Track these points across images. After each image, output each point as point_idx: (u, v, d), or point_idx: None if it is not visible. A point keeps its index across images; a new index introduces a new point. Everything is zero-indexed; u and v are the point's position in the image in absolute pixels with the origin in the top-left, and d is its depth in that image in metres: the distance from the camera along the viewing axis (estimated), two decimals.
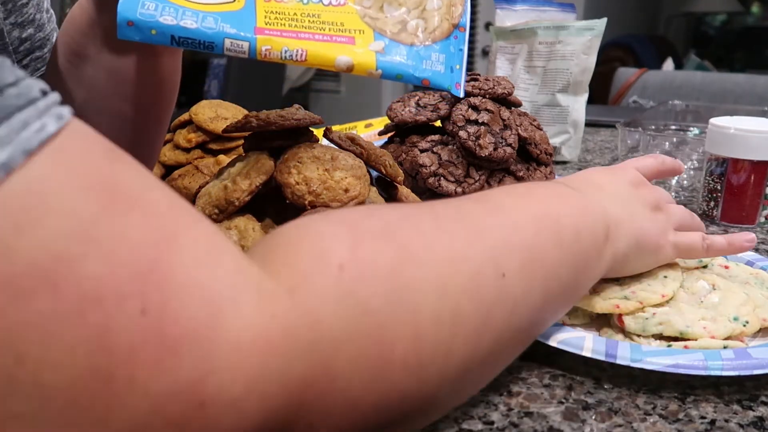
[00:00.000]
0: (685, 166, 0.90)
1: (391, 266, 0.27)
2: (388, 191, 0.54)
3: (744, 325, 0.43)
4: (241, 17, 0.41)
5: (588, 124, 1.26)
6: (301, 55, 0.41)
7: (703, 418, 0.37)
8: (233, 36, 0.40)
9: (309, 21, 0.42)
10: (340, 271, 0.26)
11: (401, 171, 0.53)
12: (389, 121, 0.75)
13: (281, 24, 0.42)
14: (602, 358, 0.39)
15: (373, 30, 0.43)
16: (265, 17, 0.41)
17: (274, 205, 0.48)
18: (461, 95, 0.45)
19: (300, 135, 0.49)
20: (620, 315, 0.44)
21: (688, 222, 0.49)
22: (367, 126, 1.01)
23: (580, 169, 0.97)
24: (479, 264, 0.31)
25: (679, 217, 0.48)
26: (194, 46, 0.41)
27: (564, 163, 1.03)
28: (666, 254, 0.46)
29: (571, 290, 0.39)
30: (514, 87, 0.72)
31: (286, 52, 0.41)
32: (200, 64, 3.27)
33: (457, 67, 0.45)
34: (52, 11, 0.56)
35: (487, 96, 0.70)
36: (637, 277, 0.47)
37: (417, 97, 0.75)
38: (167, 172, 0.74)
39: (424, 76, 0.43)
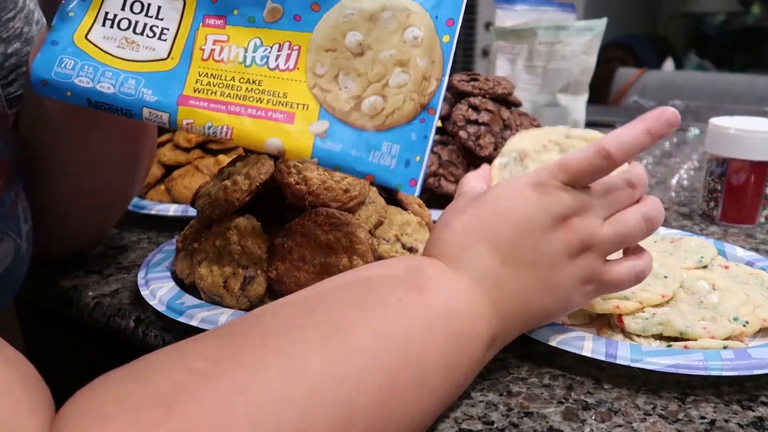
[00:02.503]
0: (685, 167, 0.91)
1: None
2: (388, 191, 0.54)
3: (744, 325, 0.43)
4: (168, 80, 0.37)
5: (588, 124, 1.26)
6: (226, 133, 0.36)
7: (703, 418, 0.37)
8: (152, 105, 0.36)
9: (246, 89, 0.36)
10: None
11: None
12: None
13: (213, 91, 0.36)
14: (602, 358, 0.39)
15: (320, 105, 0.36)
16: (197, 81, 0.37)
17: (274, 205, 0.48)
18: (416, 193, 0.36)
19: None
20: (620, 315, 0.44)
21: (633, 231, 0.38)
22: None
23: None
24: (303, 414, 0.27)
25: (614, 239, 0.38)
26: (112, 111, 0.37)
27: None
28: (579, 306, 0.40)
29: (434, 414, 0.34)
30: (514, 87, 0.72)
31: (209, 128, 0.36)
32: None
33: (417, 159, 0.36)
34: (44, 22, 0.54)
35: (487, 96, 0.70)
36: None
37: None
38: (167, 172, 0.74)
39: (368, 171, 0.35)
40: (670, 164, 0.92)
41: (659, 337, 0.43)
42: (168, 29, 0.38)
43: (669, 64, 2.48)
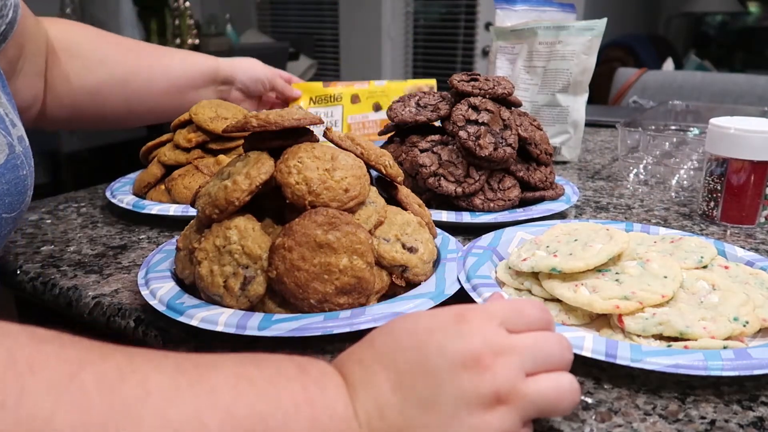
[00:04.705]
0: (685, 167, 0.91)
1: None
2: (388, 191, 0.54)
3: (744, 325, 0.43)
4: None
5: (588, 124, 1.26)
6: None
7: (703, 418, 0.37)
8: None
9: None
10: None
11: (401, 171, 0.53)
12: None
13: None
14: (602, 358, 0.39)
15: None
16: None
17: (274, 205, 0.48)
18: None
19: (300, 135, 0.49)
20: (620, 315, 0.44)
21: (564, 397, 0.32)
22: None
23: (580, 170, 0.98)
24: None
25: (538, 401, 0.31)
26: None
27: (564, 163, 1.03)
28: None
29: None
30: (514, 87, 0.72)
31: None
32: None
33: None
34: None
35: (487, 96, 0.70)
36: (637, 277, 0.47)
37: (417, 97, 0.75)
38: (167, 172, 0.74)
39: None
40: (670, 164, 0.92)
41: (659, 337, 0.43)
42: None
43: (669, 64, 2.48)
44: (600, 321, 0.46)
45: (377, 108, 1.02)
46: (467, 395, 0.30)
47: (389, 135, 0.78)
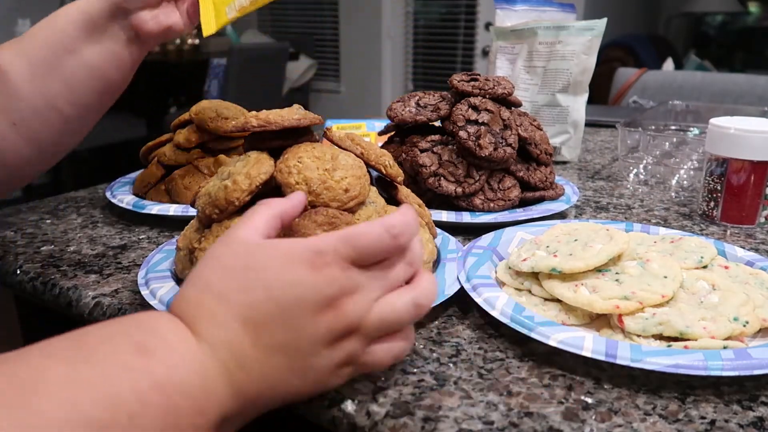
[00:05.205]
0: (685, 167, 0.91)
1: None
2: (388, 191, 0.54)
3: (744, 325, 0.43)
4: None
5: (588, 124, 1.26)
6: None
7: (703, 418, 0.37)
8: None
9: None
10: None
11: (401, 171, 0.53)
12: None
13: None
14: (602, 358, 0.39)
15: None
16: None
17: None
18: None
19: (300, 135, 0.49)
20: (620, 315, 0.44)
21: (401, 317, 0.35)
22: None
23: (580, 170, 0.98)
24: None
25: (380, 325, 0.35)
26: None
27: (564, 163, 1.03)
28: (334, 386, 0.36)
29: None
30: (514, 87, 0.72)
31: None
32: (200, 64, 3.27)
33: None
34: None
35: (487, 96, 0.70)
36: (637, 277, 0.47)
37: (417, 97, 0.75)
38: (167, 172, 0.74)
39: None
40: (670, 164, 0.92)
41: (659, 337, 0.43)
42: None
43: (669, 64, 2.48)
44: (600, 321, 0.46)
45: None
46: (323, 334, 0.33)
47: (389, 135, 0.78)
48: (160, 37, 0.62)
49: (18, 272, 0.59)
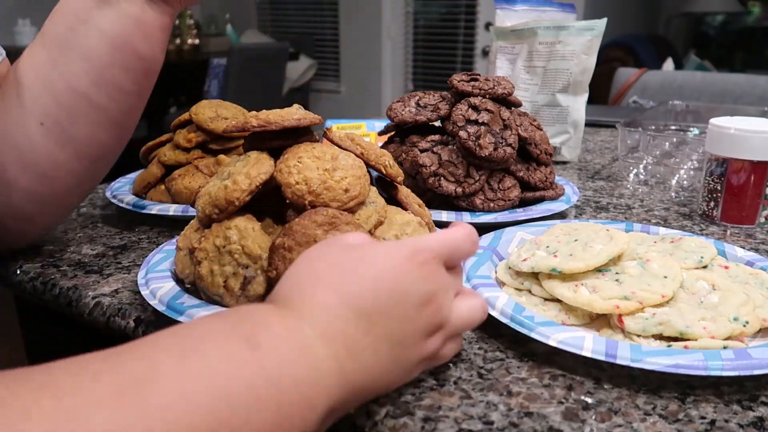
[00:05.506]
0: (685, 167, 0.91)
1: None
2: (388, 191, 0.54)
3: (744, 325, 0.43)
4: None
5: (588, 124, 1.26)
6: None
7: (703, 418, 0.37)
8: None
9: None
10: None
11: (401, 171, 0.53)
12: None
13: None
14: (602, 358, 0.39)
15: None
16: None
17: (274, 205, 0.48)
18: None
19: (300, 135, 0.49)
20: (620, 315, 0.44)
21: (477, 318, 0.39)
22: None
23: (580, 170, 0.98)
24: None
25: (463, 325, 0.38)
26: None
27: (564, 163, 1.03)
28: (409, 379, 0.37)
29: None
30: (514, 87, 0.72)
31: None
32: (200, 64, 3.28)
33: None
34: None
35: (487, 96, 0.70)
36: (637, 277, 0.47)
37: (417, 97, 0.75)
38: (167, 172, 0.74)
39: None
40: (670, 164, 0.92)
41: (659, 337, 0.43)
42: None
43: (669, 64, 2.48)
44: (600, 321, 0.46)
45: None
46: (423, 327, 0.35)
47: (389, 135, 0.78)
48: None
49: (18, 272, 0.59)
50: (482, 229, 0.66)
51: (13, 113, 0.53)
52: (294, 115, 0.47)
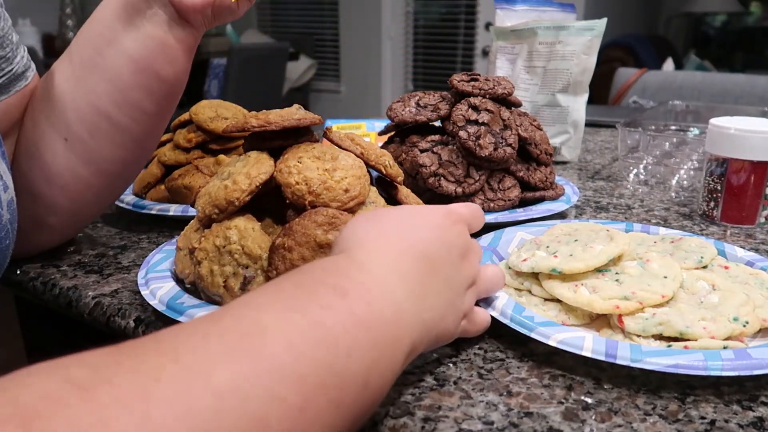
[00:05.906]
0: (685, 167, 0.90)
1: None
2: (388, 191, 0.54)
3: (744, 326, 0.43)
4: None
5: (588, 124, 1.26)
6: None
7: (703, 418, 0.37)
8: None
9: None
10: None
11: (401, 171, 0.53)
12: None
13: None
14: (602, 358, 0.39)
15: None
16: None
17: (274, 205, 0.48)
18: None
19: (300, 135, 0.49)
20: (620, 315, 0.44)
21: (500, 281, 0.45)
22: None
23: (580, 170, 0.98)
24: None
25: (489, 286, 0.44)
26: None
27: (564, 163, 1.03)
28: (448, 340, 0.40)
29: None
30: (514, 87, 0.72)
31: None
32: (200, 64, 3.28)
33: None
34: (5, 15, 0.53)
35: (487, 96, 0.70)
36: (637, 277, 0.47)
37: (417, 97, 0.75)
38: (167, 172, 0.74)
39: None
40: (670, 164, 0.92)
41: (659, 337, 0.43)
42: None
43: (669, 64, 2.48)
44: (600, 321, 0.46)
45: None
46: (465, 278, 0.39)
47: (389, 135, 0.78)
48: (207, 14, 0.53)
49: (18, 272, 0.59)
50: (482, 229, 0.66)
51: (41, 126, 0.55)
52: (294, 115, 0.47)
